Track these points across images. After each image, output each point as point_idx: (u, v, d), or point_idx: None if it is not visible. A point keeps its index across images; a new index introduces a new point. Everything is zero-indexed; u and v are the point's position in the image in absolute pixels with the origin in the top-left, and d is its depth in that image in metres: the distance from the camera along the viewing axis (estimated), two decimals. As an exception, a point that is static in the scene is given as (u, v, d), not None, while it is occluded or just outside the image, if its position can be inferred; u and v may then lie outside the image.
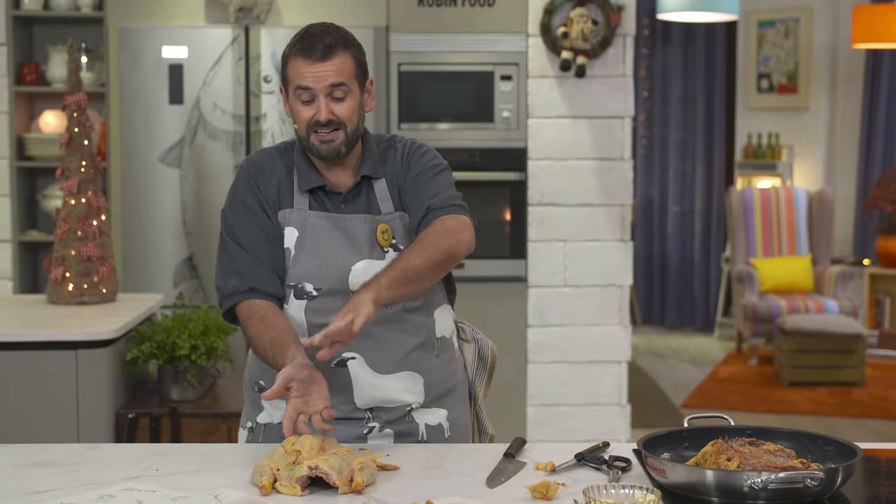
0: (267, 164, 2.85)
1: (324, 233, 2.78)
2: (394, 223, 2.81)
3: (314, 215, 2.79)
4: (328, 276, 2.76)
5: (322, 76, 2.71)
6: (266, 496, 2.31)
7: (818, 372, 8.29)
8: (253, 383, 2.88)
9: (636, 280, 10.81)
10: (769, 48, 10.32)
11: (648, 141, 10.97)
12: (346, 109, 2.74)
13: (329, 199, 2.81)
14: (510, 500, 2.27)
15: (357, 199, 2.82)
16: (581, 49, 5.52)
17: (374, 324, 2.70)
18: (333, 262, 2.76)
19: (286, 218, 2.80)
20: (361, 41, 2.84)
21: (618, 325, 5.69)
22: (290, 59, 2.75)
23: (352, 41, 2.78)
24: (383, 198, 2.83)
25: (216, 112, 5.56)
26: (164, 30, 5.60)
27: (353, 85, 2.75)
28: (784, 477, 2.14)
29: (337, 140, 2.75)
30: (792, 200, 9.44)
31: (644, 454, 2.33)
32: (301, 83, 2.72)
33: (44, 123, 5.97)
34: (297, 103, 2.76)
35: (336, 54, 2.72)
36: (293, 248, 2.78)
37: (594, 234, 5.67)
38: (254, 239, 2.79)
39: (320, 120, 2.72)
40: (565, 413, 5.71)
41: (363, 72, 2.80)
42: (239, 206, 2.83)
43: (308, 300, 2.76)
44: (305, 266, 2.77)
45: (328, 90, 2.72)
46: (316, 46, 2.72)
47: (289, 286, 2.78)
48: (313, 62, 2.71)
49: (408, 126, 5.67)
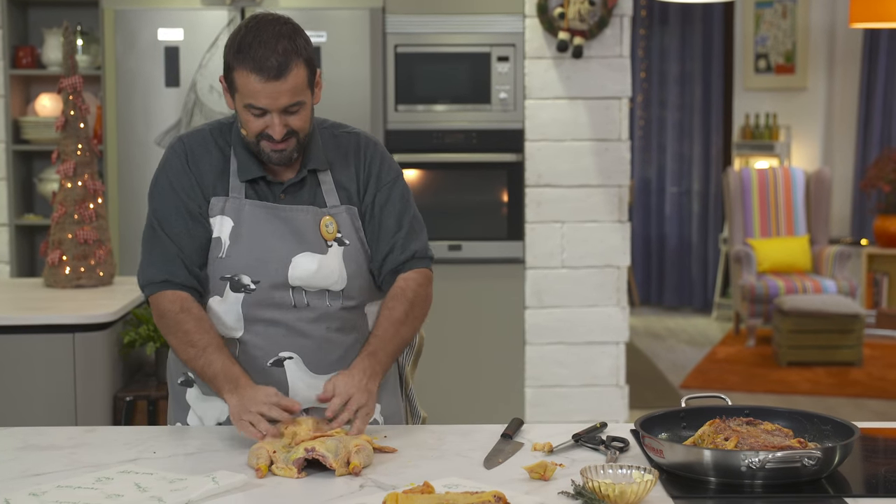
0: (200, 147, 2.71)
1: (262, 223, 2.66)
2: (339, 217, 2.70)
3: (251, 204, 2.66)
4: (266, 268, 2.65)
5: (276, 97, 2.54)
6: (262, 478, 2.30)
7: (816, 352, 8.29)
8: (178, 376, 2.80)
9: (634, 261, 10.80)
10: (766, 28, 10.30)
11: (646, 122, 10.95)
12: (301, 120, 2.60)
13: (269, 189, 2.68)
14: (507, 480, 2.27)
15: (300, 190, 2.70)
16: (578, 30, 5.51)
17: (310, 322, 2.67)
18: (272, 255, 2.65)
19: (220, 206, 2.67)
20: (358, 23, 2.78)
21: (615, 306, 5.70)
22: (238, 69, 2.55)
23: (301, 43, 2.58)
24: (328, 190, 2.71)
25: (213, 95, 5.55)
26: (160, 12, 5.59)
27: (307, 95, 2.60)
28: (781, 456, 2.14)
29: (289, 147, 2.61)
30: (790, 181, 9.43)
31: (641, 434, 2.33)
32: (252, 102, 2.56)
33: (39, 107, 5.96)
34: (245, 113, 2.59)
35: (290, 70, 2.54)
36: (227, 238, 2.65)
37: (592, 216, 5.66)
38: (177, 226, 2.66)
39: (274, 136, 2.58)
40: (563, 394, 5.71)
41: (313, 71, 2.62)
42: (166, 189, 2.69)
43: (246, 293, 2.66)
44: (242, 257, 2.65)
45: (283, 108, 2.57)
46: (268, 62, 2.52)
47: (224, 278, 2.66)
48: (266, 81, 2.53)
49: (404, 108, 5.66)
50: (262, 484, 2.27)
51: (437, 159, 5.71)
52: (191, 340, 2.61)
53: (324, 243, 2.68)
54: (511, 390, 5.72)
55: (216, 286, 2.68)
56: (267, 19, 2.59)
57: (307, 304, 2.67)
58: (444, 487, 2.20)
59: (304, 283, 2.66)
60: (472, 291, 5.72)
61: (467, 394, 5.73)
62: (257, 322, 2.67)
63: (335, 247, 2.69)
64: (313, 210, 2.68)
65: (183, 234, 2.66)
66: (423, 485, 2.17)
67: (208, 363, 2.58)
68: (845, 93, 10.14)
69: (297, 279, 2.65)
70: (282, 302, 2.66)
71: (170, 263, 2.66)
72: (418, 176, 5.73)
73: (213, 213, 2.67)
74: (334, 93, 5.54)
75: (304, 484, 2.28)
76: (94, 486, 2.24)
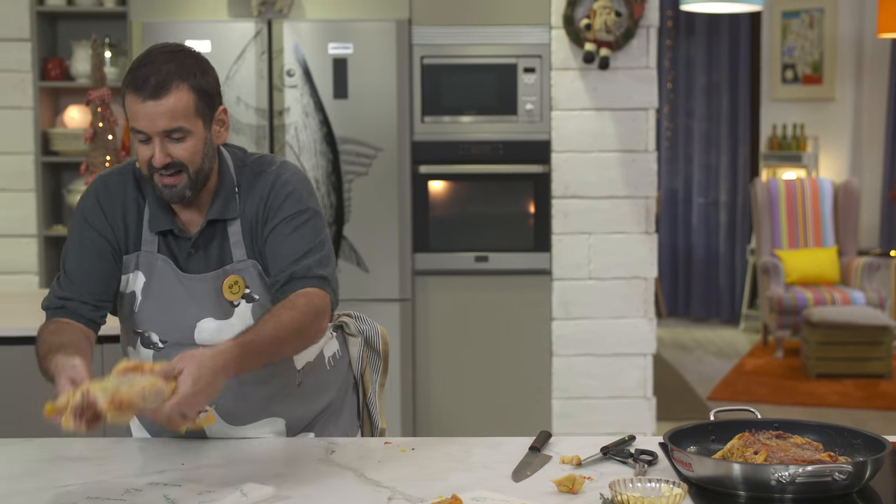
0: (118, 193, 2.63)
1: (169, 284, 2.60)
2: (245, 272, 2.60)
3: (162, 260, 2.60)
4: (174, 328, 2.60)
5: (153, 119, 2.44)
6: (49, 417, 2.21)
7: (845, 364, 8.25)
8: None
9: (661, 272, 10.77)
10: (794, 38, 10.27)
11: (673, 133, 10.93)
12: (186, 151, 2.48)
13: (178, 245, 2.61)
14: (536, 493, 2.27)
15: (209, 244, 2.61)
16: (604, 41, 5.50)
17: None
18: (179, 316, 2.60)
19: (133, 262, 2.62)
20: (384, 35, 2.71)
21: (643, 317, 5.68)
22: (124, 90, 2.48)
23: (192, 69, 2.48)
24: (236, 242, 2.61)
25: (240, 106, 5.56)
26: (187, 24, 5.61)
27: (193, 123, 2.47)
28: (812, 470, 2.12)
29: (180, 184, 2.50)
30: (817, 191, 9.39)
31: (670, 447, 2.32)
32: (134, 125, 2.47)
33: (68, 118, 5.99)
34: (134, 140, 2.51)
35: (169, 91, 2.44)
36: (139, 293, 2.62)
37: (619, 227, 5.65)
38: (81, 264, 2.61)
39: (154, 164, 2.48)
40: (590, 406, 5.69)
41: (209, 104, 2.51)
42: (79, 224, 2.63)
43: (154, 350, 2.63)
44: (152, 316, 2.61)
45: (162, 133, 2.46)
46: (147, 81, 2.43)
47: (136, 332, 2.64)
48: (143, 100, 2.44)
49: (431, 119, 5.67)
50: (289, 497, 2.27)
51: (463, 171, 5.71)
52: (49, 346, 2.49)
53: (228, 306, 2.60)
54: (538, 402, 5.71)
55: (130, 338, 2.67)
56: (163, 46, 2.52)
57: None
58: (473, 500, 2.20)
59: (210, 342, 2.56)
60: (498, 302, 5.71)
61: (494, 405, 5.72)
62: None
63: (242, 304, 2.60)
64: (213, 277, 2.59)
65: (87, 270, 2.61)
66: (452, 497, 2.16)
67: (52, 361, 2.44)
68: (873, 103, 10.09)
69: (203, 340, 2.60)
70: None
71: (65, 293, 2.62)
72: (444, 187, 5.73)
73: (128, 270, 2.63)
74: (361, 105, 5.55)
75: (331, 496, 2.28)
76: (122, 498, 2.25)
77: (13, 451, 2.63)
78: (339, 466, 2.47)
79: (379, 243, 5.61)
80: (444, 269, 5.70)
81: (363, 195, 5.60)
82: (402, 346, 5.60)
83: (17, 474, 2.45)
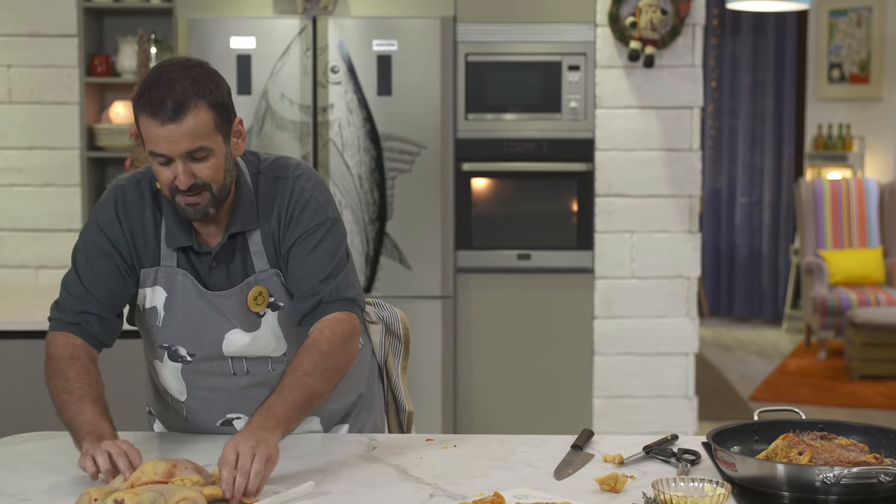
0: (135, 207, 2.58)
1: (193, 300, 2.57)
2: (269, 282, 2.58)
3: (182, 275, 2.56)
4: (201, 342, 2.59)
5: (175, 141, 2.38)
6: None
7: (889, 366, 8.18)
8: (148, 403, 2.84)
9: (704, 272, 10.71)
10: (841, 37, 10.18)
11: (717, 132, 10.87)
12: (210, 169, 2.44)
13: (198, 259, 2.57)
14: (578, 492, 2.26)
15: (230, 256, 2.58)
16: (650, 39, 5.48)
17: (253, 387, 2.61)
18: (205, 330, 2.58)
19: (152, 277, 2.58)
20: (428, 32, 2.65)
21: (685, 316, 5.65)
22: (140, 116, 2.41)
23: (206, 85, 2.42)
24: (257, 252, 2.58)
25: (284, 102, 5.58)
26: (233, 20, 5.63)
27: (214, 141, 2.43)
28: (857, 472, 2.11)
29: (203, 202, 2.46)
30: (863, 192, 9.31)
31: (714, 447, 2.30)
32: (154, 149, 2.41)
33: (114, 114, 6.03)
34: (154, 163, 2.44)
35: (188, 111, 2.37)
36: (162, 308, 2.58)
37: (662, 226, 5.63)
38: (97, 273, 2.58)
39: (179, 186, 2.43)
40: (632, 405, 5.68)
41: (226, 117, 2.46)
42: (94, 233, 2.60)
43: (183, 363, 2.62)
44: (177, 330, 2.59)
45: (185, 155, 2.41)
46: (164, 103, 2.37)
47: (162, 346, 2.62)
48: (162, 123, 2.37)
49: (475, 116, 5.66)
50: (330, 492, 2.27)
51: (506, 168, 5.70)
52: (68, 387, 2.47)
53: (255, 317, 2.59)
54: (579, 400, 5.70)
55: (156, 352, 2.65)
56: (172, 62, 2.45)
57: (247, 371, 2.63)
58: (515, 498, 2.19)
59: (240, 354, 2.60)
60: (540, 300, 5.71)
61: (535, 403, 5.71)
62: (199, 388, 2.64)
63: (268, 314, 2.59)
64: (236, 291, 2.56)
65: (101, 281, 2.58)
66: (494, 495, 2.16)
67: (80, 412, 2.42)
68: (921, 103, 9.99)
69: (233, 352, 2.60)
70: (221, 371, 2.62)
71: (79, 305, 2.59)
72: (488, 185, 5.73)
73: (146, 284, 2.59)
74: (404, 102, 5.56)
75: (372, 492, 2.28)
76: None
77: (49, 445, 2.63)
78: (381, 462, 2.47)
79: (421, 240, 5.62)
80: (487, 266, 5.70)
81: (406, 192, 5.60)
82: (443, 344, 5.60)
83: (60, 466, 2.46)
